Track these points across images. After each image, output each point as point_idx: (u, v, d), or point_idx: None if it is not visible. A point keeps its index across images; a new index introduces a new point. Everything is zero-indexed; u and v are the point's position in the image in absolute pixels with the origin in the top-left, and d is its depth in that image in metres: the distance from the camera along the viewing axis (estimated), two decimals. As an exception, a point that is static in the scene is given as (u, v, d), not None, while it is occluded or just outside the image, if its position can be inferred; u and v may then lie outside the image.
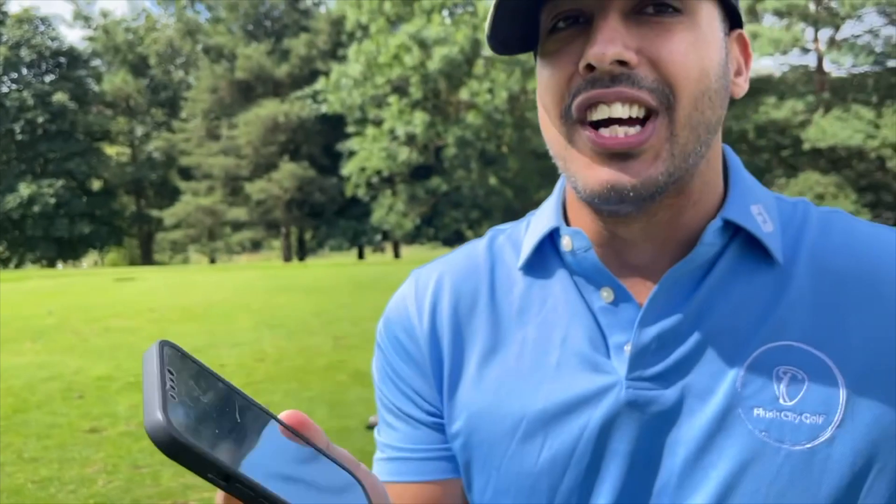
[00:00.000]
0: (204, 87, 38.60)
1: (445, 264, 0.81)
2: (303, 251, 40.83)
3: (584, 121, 0.64)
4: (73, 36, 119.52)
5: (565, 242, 0.71)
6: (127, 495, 4.18)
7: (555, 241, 0.73)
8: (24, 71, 37.97)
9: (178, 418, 0.41)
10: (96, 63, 42.74)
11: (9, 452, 4.96)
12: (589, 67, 0.62)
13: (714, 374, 0.66)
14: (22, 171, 37.38)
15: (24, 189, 35.77)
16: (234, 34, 39.48)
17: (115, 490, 4.27)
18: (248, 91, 38.81)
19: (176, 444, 0.40)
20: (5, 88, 37.34)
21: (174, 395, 0.43)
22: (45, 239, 36.83)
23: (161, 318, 11.22)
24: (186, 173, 39.84)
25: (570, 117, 0.64)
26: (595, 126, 0.64)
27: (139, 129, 43.15)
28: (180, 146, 39.39)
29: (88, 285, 16.96)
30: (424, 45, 29.45)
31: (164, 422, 0.40)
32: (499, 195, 31.40)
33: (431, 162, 33.35)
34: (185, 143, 39.20)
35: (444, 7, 31.33)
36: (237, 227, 38.04)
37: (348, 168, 32.51)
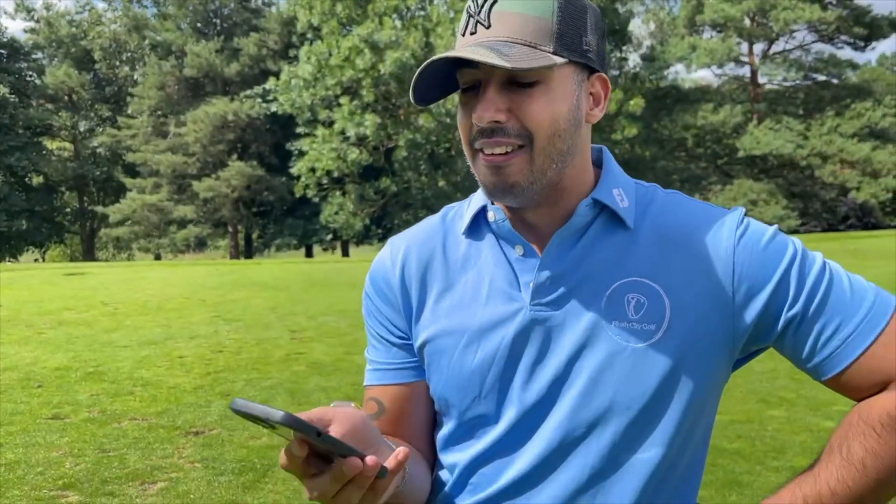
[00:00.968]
0: (151, 84, 37.97)
1: (411, 233, 1.14)
2: (249, 250, 40.47)
3: (481, 149, 0.97)
4: (15, 27, 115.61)
5: (490, 215, 1.04)
6: (95, 476, 4.27)
7: (485, 214, 1.06)
8: (-38, 62, 36.83)
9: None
10: (38, 56, 41.66)
11: (-28, 437, 4.97)
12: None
13: (588, 300, 0.99)
14: (-42, 165, 36.23)
15: (-40, 183, 34.67)
16: (183, 31, 38.93)
17: (83, 472, 4.35)
18: (196, 88, 38.31)
19: (294, 418, 0.72)
20: (-59, 79, 36.15)
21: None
22: (-17, 234, 35.75)
23: (115, 311, 11.23)
24: (132, 170, 39.11)
25: (473, 147, 0.98)
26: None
27: (83, 125, 42.15)
28: (126, 142, 38.65)
29: (37, 279, 16.67)
30: (376, 48, 29.56)
31: (285, 413, 0.72)
32: (448, 197, 31.69)
33: (381, 163, 33.46)
34: (131, 139, 38.47)
35: (396, 11, 31.49)
36: (183, 224, 37.49)
37: (298, 168, 32.31)
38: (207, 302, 12.27)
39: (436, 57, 0.93)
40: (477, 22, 0.95)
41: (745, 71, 37.78)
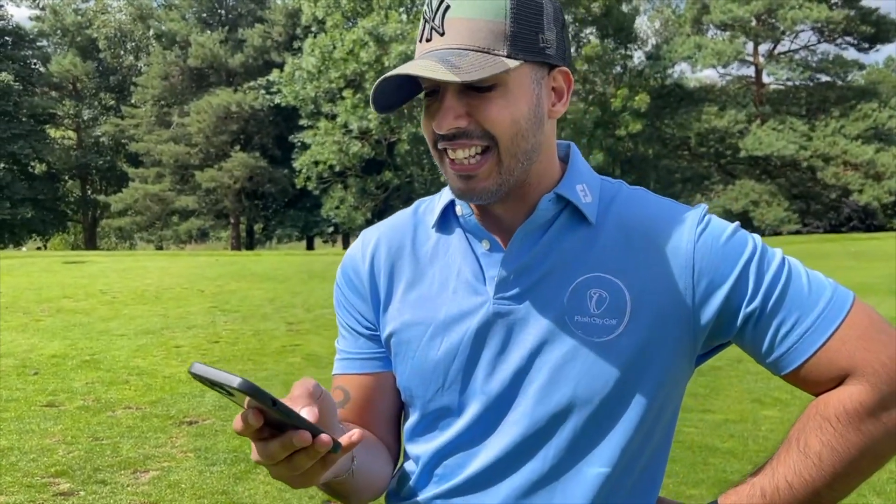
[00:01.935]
0: (155, 74, 37.97)
1: (383, 226, 1.16)
2: (251, 241, 40.51)
3: (445, 150, 0.98)
4: (20, 15, 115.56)
5: (458, 210, 1.05)
6: (87, 464, 4.28)
7: (454, 208, 1.07)
8: (-33, 49, 36.85)
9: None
10: (43, 44, 41.65)
11: (-34, 423, 4.98)
12: None
13: (550, 295, 1.00)
14: (-39, 152, 36.26)
15: (-37, 170, 34.69)
16: (188, 21, 38.91)
17: (76, 459, 4.37)
18: (200, 79, 38.32)
19: (251, 385, 0.73)
20: (-54, 65, 36.17)
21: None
22: (-15, 222, 35.80)
23: (114, 300, 11.25)
24: (135, 159, 39.14)
25: (438, 149, 0.98)
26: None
27: (86, 113, 42.17)
28: (129, 132, 38.67)
29: (36, 267, 16.70)
30: (381, 42, 29.53)
31: (242, 379, 0.73)
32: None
33: (384, 157, 33.45)
34: (134, 128, 38.49)
35: (401, 4, 31.44)
36: (185, 215, 37.52)
37: (300, 161, 32.32)
38: (206, 292, 12.29)
39: (388, 74, 0.94)
40: (432, 29, 0.95)
41: (750, 70, 37.72)
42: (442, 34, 0.94)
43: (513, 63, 0.92)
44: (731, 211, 32.20)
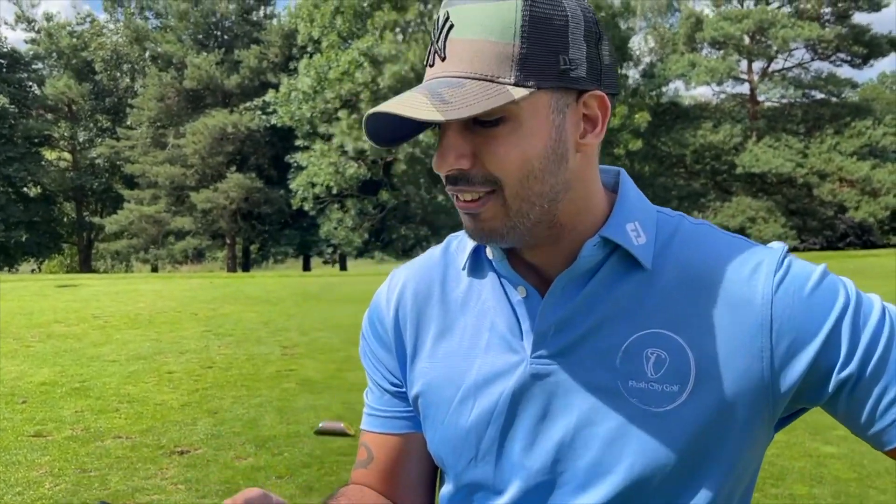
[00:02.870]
0: (151, 95, 38.01)
1: (412, 266, 1.03)
2: (247, 261, 40.38)
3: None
4: (15, 38, 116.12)
5: (488, 252, 0.92)
6: (74, 498, 4.15)
7: (485, 248, 0.93)
8: (-38, 72, 36.89)
9: None
10: (38, 66, 41.72)
11: (-47, 454, 4.90)
12: None
13: (599, 354, 0.85)
14: (-44, 175, 36.19)
15: (-42, 193, 34.61)
16: (184, 43, 39.03)
17: (62, 493, 4.24)
18: (196, 100, 38.37)
19: None
20: (-59, 89, 36.18)
21: None
22: (-20, 245, 35.66)
23: (105, 324, 11.11)
24: (130, 181, 39.09)
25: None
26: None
27: (82, 135, 42.16)
28: (125, 153, 38.65)
29: (29, 291, 16.55)
30: (376, 62, 29.62)
31: None
32: (447, 213, 31.69)
33: (380, 177, 33.45)
34: (129, 150, 38.48)
35: (396, 25, 31.57)
36: (181, 236, 37.43)
37: (297, 182, 32.32)
38: (199, 316, 12.14)
39: (369, 112, 0.81)
40: (435, 52, 0.82)
41: (745, 88, 37.95)
42: (443, 58, 0.81)
43: (520, 92, 0.77)
44: (728, 228, 32.21)
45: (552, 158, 0.82)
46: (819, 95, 36.09)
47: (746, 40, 35.55)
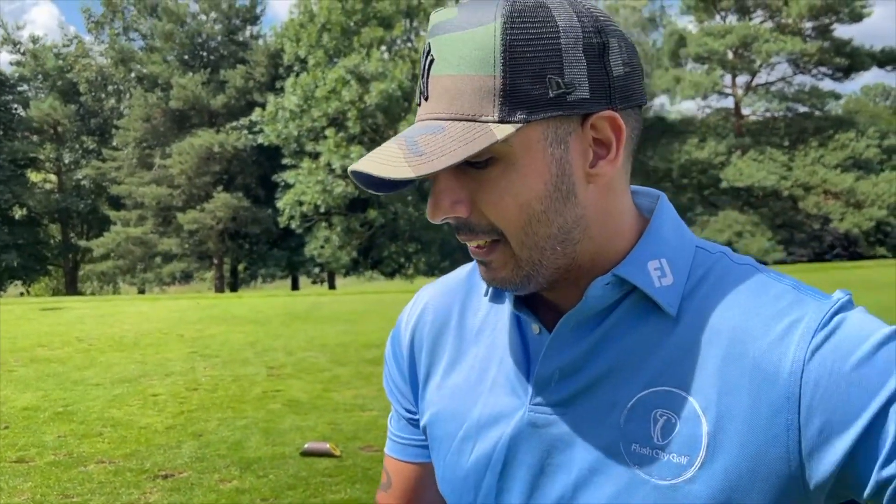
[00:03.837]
0: (137, 116, 37.92)
1: (437, 285, 0.96)
2: (235, 282, 40.18)
3: None
4: (0, 60, 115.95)
5: None
6: (55, 524, 4.10)
7: None
8: (-54, 94, 36.70)
9: None
10: (23, 88, 41.58)
11: (-66, 481, 4.85)
12: None
13: (603, 409, 0.75)
14: (-59, 198, 35.90)
15: (-58, 216, 34.32)
16: (170, 63, 39.03)
17: (44, 519, 4.18)
18: (182, 120, 38.30)
19: None
20: (-75, 112, 35.95)
21: None
22: (-36, 269, 35.32)
23: (90, 347, 10.99)
24: (116, 202, 38.90)
25: None
26: None
27: (67, 157, 41.99)
28: (111, 174, 38.48)
29: (13, 314, 16.38)
30: (362, 80, 29.71)
31: None
32: (436, 230, 31.67)
33: (367, 195, 33.42)
34: (115, 171, 38.32)
35: (382, 42, 31.71)
36: (168, 258, 37.22)
37: (284, 201, 32.27)
38: (185, 337, 12.04)
39: (350, 169, 0.73)
40: (421, 92, 0.74)
41: (729, 102, 38.31)
42: (426, 98, 0.73)
43: (505, 130, 0.68)
44: (717, 242, 32.42)
45: (556, 196, 0.73)
46: (802, 109, 36.49)
47: (730, 55, 35.94)
